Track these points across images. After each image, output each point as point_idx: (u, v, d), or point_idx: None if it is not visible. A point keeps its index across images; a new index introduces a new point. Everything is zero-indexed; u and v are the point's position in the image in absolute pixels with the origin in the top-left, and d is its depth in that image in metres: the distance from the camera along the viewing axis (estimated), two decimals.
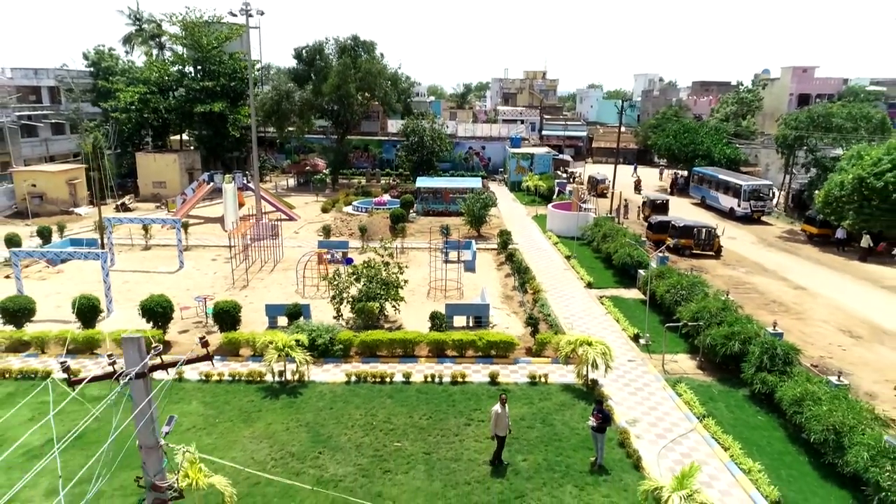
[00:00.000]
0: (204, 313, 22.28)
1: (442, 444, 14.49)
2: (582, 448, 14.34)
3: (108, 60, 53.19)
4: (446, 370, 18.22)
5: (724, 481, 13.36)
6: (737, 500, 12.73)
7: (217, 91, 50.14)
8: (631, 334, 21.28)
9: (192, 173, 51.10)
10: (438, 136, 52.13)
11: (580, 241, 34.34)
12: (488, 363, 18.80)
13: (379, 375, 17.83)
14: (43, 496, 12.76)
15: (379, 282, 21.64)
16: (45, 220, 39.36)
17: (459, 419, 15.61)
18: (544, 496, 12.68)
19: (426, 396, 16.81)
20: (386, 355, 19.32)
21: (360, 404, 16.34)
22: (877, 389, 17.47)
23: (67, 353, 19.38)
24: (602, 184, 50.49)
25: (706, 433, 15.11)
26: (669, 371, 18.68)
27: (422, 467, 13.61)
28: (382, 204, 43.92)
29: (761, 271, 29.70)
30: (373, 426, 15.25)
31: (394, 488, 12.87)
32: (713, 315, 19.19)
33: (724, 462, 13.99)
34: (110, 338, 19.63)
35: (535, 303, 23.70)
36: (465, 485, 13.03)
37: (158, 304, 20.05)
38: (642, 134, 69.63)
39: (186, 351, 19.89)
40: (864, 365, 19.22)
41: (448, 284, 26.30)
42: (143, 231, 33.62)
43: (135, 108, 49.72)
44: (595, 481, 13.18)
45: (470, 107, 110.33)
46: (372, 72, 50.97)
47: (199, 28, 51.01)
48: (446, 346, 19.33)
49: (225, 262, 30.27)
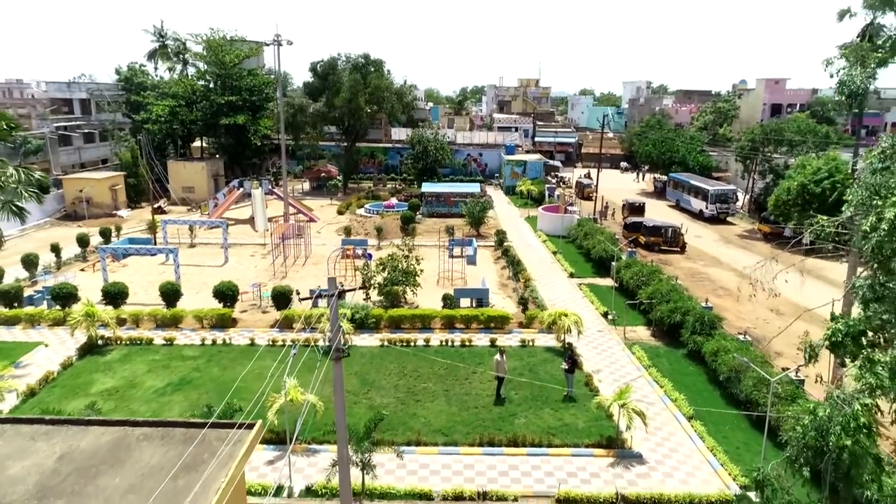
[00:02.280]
0: (259, 297, 27.59)
1: (456, 385, 19.91)
2: (558, 387, 19.75)
3: (140, 76, 58.40)
4: (456, 337, 23.66)
5: (658, 406, 18.82)
6: (665, 417, 18.20)
7: (239, 104, 55.39)
8: (601, 312, 26.79)
9: (217, 179, 56.38)
10: (441, 146, 57.53)
11: (566, 239, 39.84)
12: (488, 332, 24.22)
13: (405, 341, 23.25)
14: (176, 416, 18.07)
15: (401, 271, 27.04)
16: (92, 222, 44.66)
17: (468, 369, 21.03)
18: (530, 415, 18.11)
19: (442, 355, 22.22)
20: (408, 327, 24.70)
21: (392, 360, 21.72)
22: (784, 349, 22.97)
23: (157, 327, 24.69)
24: (588, 188, 56.01)
25: (650, 378, 20.60)
26: (629, 338, 24.15)
27: (442, 399, 19.02)
28: (392, 207, 49.27)
29: (717, 264, 35.25)
30: (404, 374, 20.64)
31: (423, 410, 18.28)
32: (664, 295, 24.70)
33: (660, 396, 19.47)
34: (192, 314, 24.97)
35: (525, 288, 29.14)
36: (474, 409, 18.45)
37: (228, 288, 25.45)
38: (628, 141, 75.16)
39: (250, 325, 25.24)
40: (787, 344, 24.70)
41: (454, 275, 31.72)
42: (188, 231, 38.91)
43: (164, 120, 54.93)
44: (566, 406, 18.62)
45: (467, 112, 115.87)
46: (380, 87, 56.42)
47: (222, 47, 56.25)
48: (455, 319, 24.74)
49: (262, 258, 35.63)
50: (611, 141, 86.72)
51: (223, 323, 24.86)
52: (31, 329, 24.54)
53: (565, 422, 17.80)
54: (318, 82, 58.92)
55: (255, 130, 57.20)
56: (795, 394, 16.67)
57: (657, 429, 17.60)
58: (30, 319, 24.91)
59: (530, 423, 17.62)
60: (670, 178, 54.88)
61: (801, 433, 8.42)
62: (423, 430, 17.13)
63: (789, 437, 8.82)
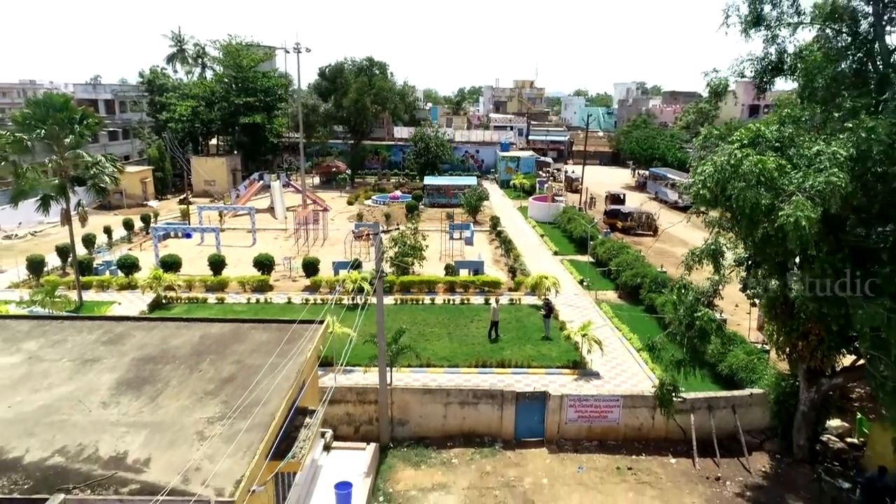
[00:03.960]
0: (290, 268, 32.51)
1: (457, 330, 24.94)
2: (537, 332, 24.75)
3: (162, 79, 63.28)
4: (457, 297, 28.68)
5: (616, 343, 23.86)
6: (621, 351, 23.26)
7: (256, 105, 60.30)
8: (578, 280, 31.85)
9: (235, 173, 61.30)
10: (441, 143, 62.57)
11: (552, 224, 44.90)
12: (483, 295, 29.24)
13: (414, 300, 28.27)
14: None
15: (409, 246, 32.03)
16: (126, 211, 49.57)
17: (466, 319, 26.04)
18: (515, 349, 23.12)
19: (445, 309, 27.24)
20: (416, 290, 29.65)
21: (405, 313, 26.70)
22: (725, 307, 28.03)
23: (206, 290, 29.63)
24: (576, 181, 61.05)
25: (612, 325, 25.65)
26: (599, 299, 29.21)
27: (446, 338, 24.04)
28: (396, 198, 54.18)
29: (683, 244, 40.20)
30: (415, 322, 25.61)
31: (431, 346, 23.26)
32: (628, 264, 29.77)
33: (619, 336, 24.53)
34: (236, 280, 29.92)
35: (515, 261, 34.17)
36: (471, 345, 23.47)
37: (266, 259, 30.49)
38: (615, 139, 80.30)
39: (284, 290, 30.18)
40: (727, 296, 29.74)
41: (454, 253, 36.72)
42: (218, 217, 43.86)
43: (186, 119, 59.81)
44: (543, 343, 23.65)
45: (464, 112, 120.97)
46: (385, 88, 61.43)
47: (239, 52, 61.16)
48: (456, 284, 29.75)
49: (285, 240, 40.58)
50: (600, 139, 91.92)
51: (262, 288, 29.82)
52: (103, 292, 29.49)
53: (542, 353, 22.84)
54: (327, 84, 63.92)
55: (270, 129, 62.13)
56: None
57: (613, 358, 22.65)
58: (100, 284, 29.84)
59: (515, 354, 22.62)
60: (651, 173, 60.00)
61: (674, 314, 13.47)
62: (432, 358, 22.13)
63: (669, 319, 13.87)
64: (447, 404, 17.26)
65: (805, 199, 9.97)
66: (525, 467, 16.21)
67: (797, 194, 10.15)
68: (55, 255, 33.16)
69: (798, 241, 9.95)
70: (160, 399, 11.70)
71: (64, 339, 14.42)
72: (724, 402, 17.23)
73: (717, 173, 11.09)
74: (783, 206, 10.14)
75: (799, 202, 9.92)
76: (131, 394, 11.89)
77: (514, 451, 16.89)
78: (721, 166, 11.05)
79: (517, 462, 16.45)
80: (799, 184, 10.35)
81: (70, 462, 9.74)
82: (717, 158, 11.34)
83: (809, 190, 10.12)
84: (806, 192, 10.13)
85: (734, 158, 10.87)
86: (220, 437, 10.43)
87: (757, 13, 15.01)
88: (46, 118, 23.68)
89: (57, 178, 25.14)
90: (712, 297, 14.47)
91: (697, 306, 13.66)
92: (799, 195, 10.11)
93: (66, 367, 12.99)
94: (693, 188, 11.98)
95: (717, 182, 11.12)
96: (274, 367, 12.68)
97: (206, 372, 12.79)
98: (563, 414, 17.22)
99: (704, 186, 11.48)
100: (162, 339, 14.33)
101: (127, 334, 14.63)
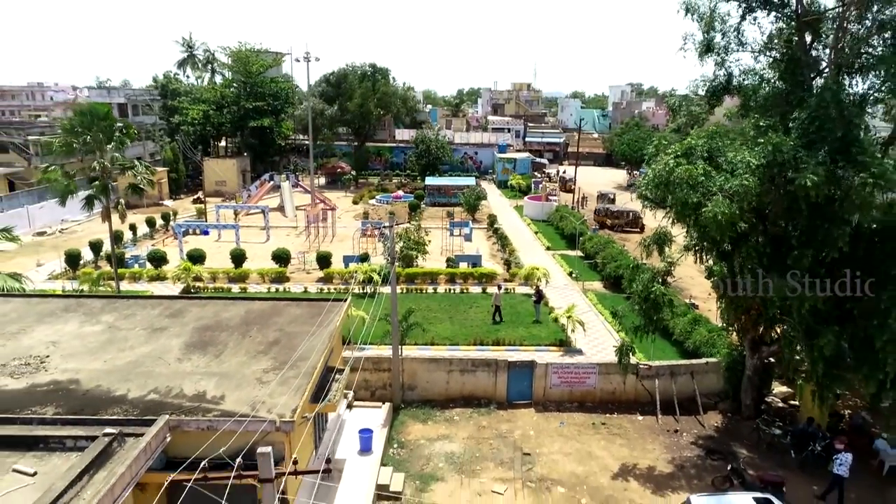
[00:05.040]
0: (303, 261, 35.51)
1: (457, 314, 27.96)
2: (529, 316, 27.78)
3: (175, 84, 66.25)
4: (457, 287, 31.72)
5: (599, 326, 26.86)
6: (603, 332, 26.28)
7: (265, 109, 63.30)
8: (567, 272, 34.89)
9: (244, 174, 64.29)
10: (441, 146, 65.62)
11: (546, 222, 47.95)
12: (480, 284, 32.28)
13: (419, 289, 31.31)
14: None
15: (413, 241, 35.05)
16: (144, 210, 52.48)
17: (465, 306, 29.07)
18: (509, 330, 26.12)
19: (446, 297, 30.27)
20: (420, 281, 32.67)
21: (411, 300, 29.65)
22: (700, 295, 31.10)
23: (229, 281, 32.61)
24: (570, 182, 64.15)
25: (596, 310, 28.68)
26: (586, 288, 32.25)
27: (447, 322, 27.06)
28: (399, 198, 57.18)
29: None
30: (420, 308, 28.54)
31: (434, 328, 26.26)
32: (613, 257, 32.81)
33: (601, 320, 27.53)
34: (256, 272, 32.93)
35: (510, 255, 37.22)
36: (470, 327, 26.49)
37: (284, 252, 33.50)
38: (609, 141, 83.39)
39: (299, 281, 33.15)
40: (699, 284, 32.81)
41: (454, 248, 39.74)
42: (233, 215, 46.86)
43: (198, 122, 62.77)
44: (534, 326, 26.67)
45: (463, 114, 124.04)
46: (388, 93, 64.45)
47: (248, 59, 64.14)
48: (456, 276, 32.77)
49: (296, 237, 43.57)
50: (595, 141, 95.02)
51: (280, 279, 32.82)
52: (135, 283, 32.47)
53: (533, 333, 25.87)
54: (332, 90, 66.94)
55: (278, 132, 65.14)
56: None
57: (595, 338, 25.68)
58: (132, 276, 32.84)
59: (508, 335, 25.61)
60: (640, 173, 63.08)
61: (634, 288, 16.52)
62: (436, 338, 25.14)
63: (631, 291, 16.88)
64: (450, 372, 20.30)
65: (723, 198, 12.98)
66: (515, 423, 19.26)
67: (718, 194, 13.15)
68: (88, 249, 36.17)
69: (718, 231, 12.93)
70: (222, 356, 14.71)
71: (133, 313, 17.44)
72: (685, 369, 20.30)
73: (656, 178, 14.11)
74: (707, 204, 13.16)
75: (718, 200, 12.93)
76: (199, 353, 14.90)
77: (507, 411, 19.95)
78: (658, 173, 14.08)
79: (509, 419, 19.49)
80: (720, 186, 13.36)
81: (163, 398, 12.75)
82: (655, 167, 14.36)
83: (728, 191, 13.12)
84: (725, 193, 13.13)
85: (668, 167, 13.90)
86: (275, 382, 13.45)
87: (708, 42, 18.05)
88: (92, 126, 26.65)
89: (98, 179, 28.10)
90: (666, 276, 17.56)
91: (653, 283, 16.70)
92: (719, 195, 13.11)
93: (141, 333, 16.01)
94: (638, 190, 14.98)
95: (657, 185, 14.13)
96: (310, 334, 15.70)
97: (255, 337, 15.81)
98: (547, 380, 20.26)
99: (647, 189, 14.51)
100: (214, 313, 17.35)
101: (185, 310, 17.66)
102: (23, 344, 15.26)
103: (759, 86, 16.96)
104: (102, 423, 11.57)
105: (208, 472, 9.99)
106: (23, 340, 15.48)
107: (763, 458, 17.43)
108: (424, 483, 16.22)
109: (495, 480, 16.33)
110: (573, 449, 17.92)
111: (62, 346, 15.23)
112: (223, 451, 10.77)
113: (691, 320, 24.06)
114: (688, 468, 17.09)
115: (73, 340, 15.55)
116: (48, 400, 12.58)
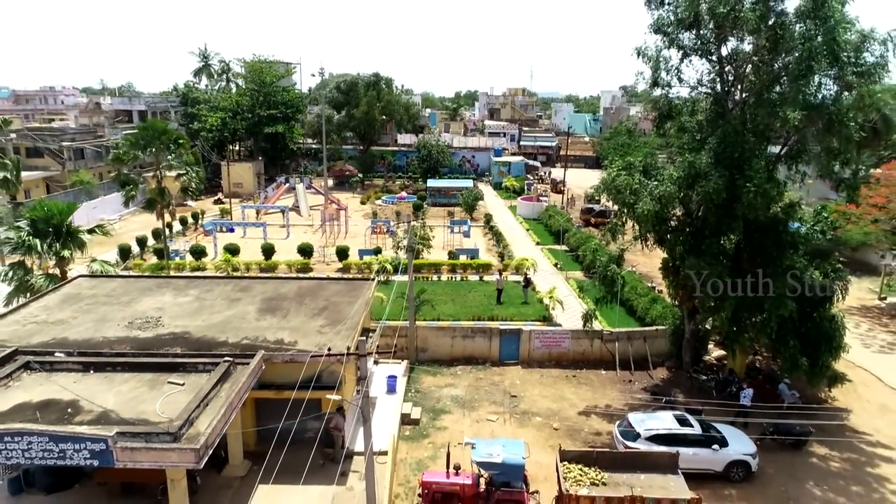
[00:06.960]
0: (323, 254, 40.74)
1: (458, 298, 33.27)
2: (518, 298, 33.07)
3: (195, 92, 71.40)
4: (457, 276, 37.03)
5: (576, 307, 32.17)
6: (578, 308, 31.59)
7: (278, 116, 68.49)
8: (553, 263, 40.25)
9: (259, 177, 69.46)
10: (441, 150, 70.96)
11: (537, 220, 53.28)
12: (478, 274, 37.58)
13: (425, 277, 36.64)
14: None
15: (419, 237, 40.31)
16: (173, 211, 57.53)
17: (465, 291, 34.38)
18: (501, 310, 31.38)
19: (449, 284, 35.57)
20: (425, 271, 37.95)
21: (418, 287, 34.73)
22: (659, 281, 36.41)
23: (261, 272, 37.83)
24: (560, 183, 69.47)
25: (575, 294, 34.00)
26: (568, 276, 37.58)
27: (450, 303, 32.35)
28: (403, 198, 62.48)
29: None
30: (426, 293, 33.92)
31: (439, 307, 31.49)
32: (592, 250, 38.14)
33: (579, 302, 32.87)
34: (284, 263, 38.16)
35: (504, 249, 42.55)
36: (469, 308, 31.77)
37: (308, 246, 38.79)
38: (598, 144, 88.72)
39: (321, 271, 38.39)
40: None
41: (454, 243, 45.03)
42: (255, 214, 52.08)
43: (216, 129, 67.91)
44: (523, 306, 31.98)
45: (461, 118, 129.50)
46: (392, 101, 69.78)
47: (262, 69, 69.34)
48: (457, 266, 38.07)
49: (313, 233, 48.82)
50: (585, 144, 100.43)
51: (305, 269, 38.04)
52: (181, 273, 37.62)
53: (521, 312, 31.17)
54: (342, 96, 72.24)
55: (289, 137, 70.35)
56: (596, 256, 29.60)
57: (573, 315, 30.90)
58: (177, 267, 38.02)
59: (501, 313, 30.86)
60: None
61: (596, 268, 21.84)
62: (441, 315, 30.42)
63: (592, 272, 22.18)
64: (453, 338, 25.63)
65: (650, 200, 18.29)
66: (505, 376, 24.59)
67: (646, 197, 18.46)
68: (135, 243, 41.40)
69: (647, 223, 18.22)
70: (288, 317, 19.97)
71: (211, 288, 22.69)
72: (639, 334, 25.65)
73: (603, 185, 19.45)
74: (638, 204, 18.46)
75: (646, 201, 18.24)
76: (270, 315, 20.15)
77: (499, 367, 25.28)
78: (605, 181, 19.40)
79: (500, 373, 24.82)
80: (650, 191, 18.66)
81: (253, 342, 18.00)
82: (604, 175, 19.69)
83: (654, 194, 18.43)
84: (652, 196, 18.44)
85: (611, 176, 19.25)
86: (330, 333, 18.71)
87: (655, 78, 23.33)
88: (153, 140, 31.88)
89: (156, 184, 33.36)
90: (620, 259, 22.88)
91: (610, 264, 22.02)
92: (647, 198, 18.42)
93: (223, 303, 21.26)
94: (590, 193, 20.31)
95: (606, 190, 19.48)
96: (350, 303, 20.97)
97: (309, 304, 21.08)
98: (531, 343, 25.58)
99: (597, 192, 19.82)
100: (274, 289, 22.62)
101: (250, 286, 22.93)
102: (137, 309, 20.52)
103: (693, 113, 22.28)
104: (218, 356, 16.82)
105: (296, 390, 15.31)
106: (136, 307, 20.74)
107: (694, 397, 22.76)
108: (436, 414, 21.54)
109: (490, 413, 21.65)
110: (549, 393, 23.23)
111: (166, 311, 20.48)
112: (302, 376, 16.03)
113: (651, 299, 29.42)
114: (636, 406, 22.42)
115: (173, 307, 20.80)
116: (173, 344, 17.85)
